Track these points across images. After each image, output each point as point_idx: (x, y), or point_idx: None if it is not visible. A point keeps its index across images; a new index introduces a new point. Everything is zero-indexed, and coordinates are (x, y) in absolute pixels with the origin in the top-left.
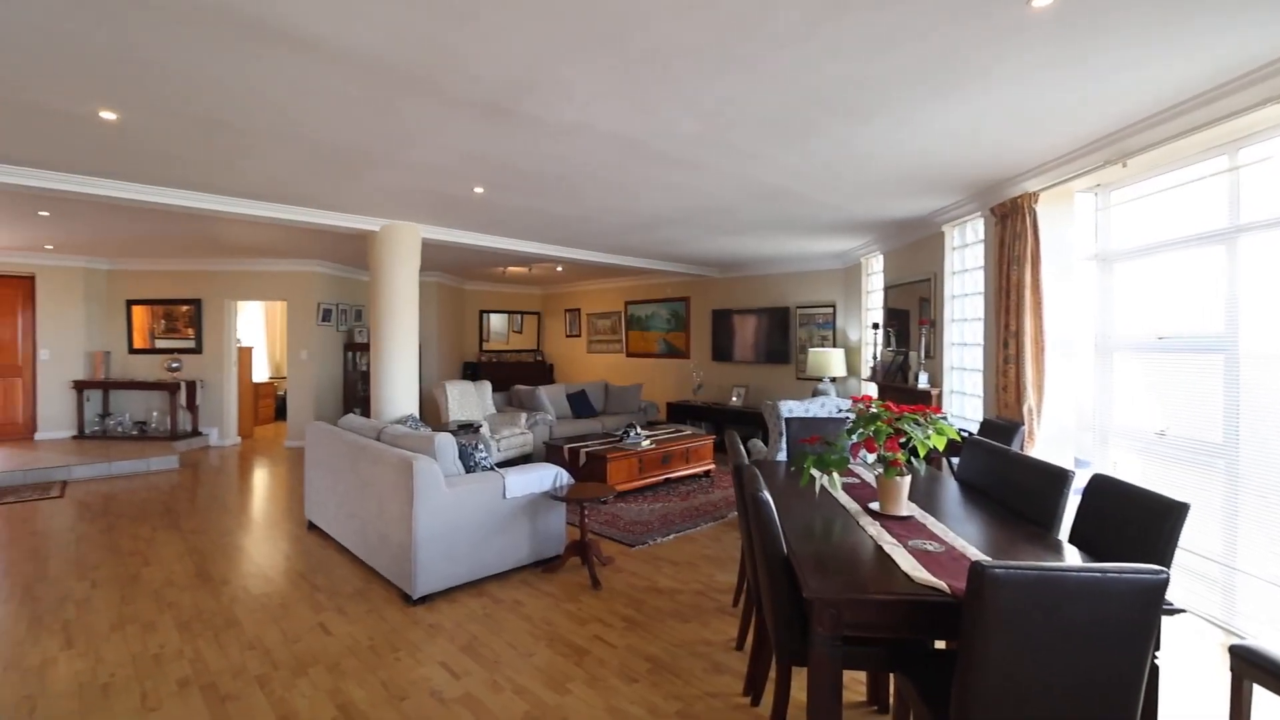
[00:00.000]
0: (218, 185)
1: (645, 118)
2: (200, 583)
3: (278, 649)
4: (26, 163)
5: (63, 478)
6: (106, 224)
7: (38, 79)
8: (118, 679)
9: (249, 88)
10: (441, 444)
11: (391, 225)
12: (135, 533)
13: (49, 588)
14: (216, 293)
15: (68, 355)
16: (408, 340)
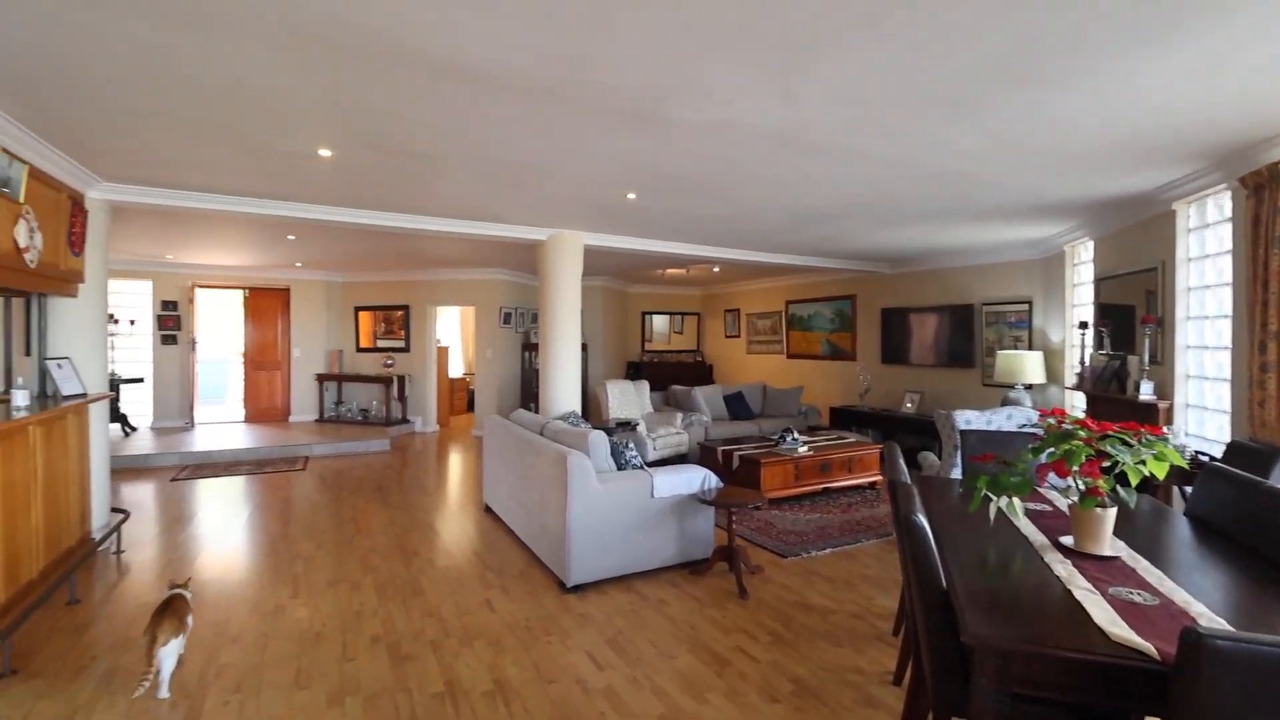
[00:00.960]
0: (415, 206)
1: (791, 108)
2: (397, 552)
3: (451, 619)
4: (271, 196)
5: (306, 453)
6: (336, 244)
7: (269, 126)
8: (327, 629)
9: (429, 120)
10: (595, 441)
11: (557, 234)
12: (353, 504)
13: (287, 546)
14: (420, 299)
15: (313, 353)
16: (571, 341)
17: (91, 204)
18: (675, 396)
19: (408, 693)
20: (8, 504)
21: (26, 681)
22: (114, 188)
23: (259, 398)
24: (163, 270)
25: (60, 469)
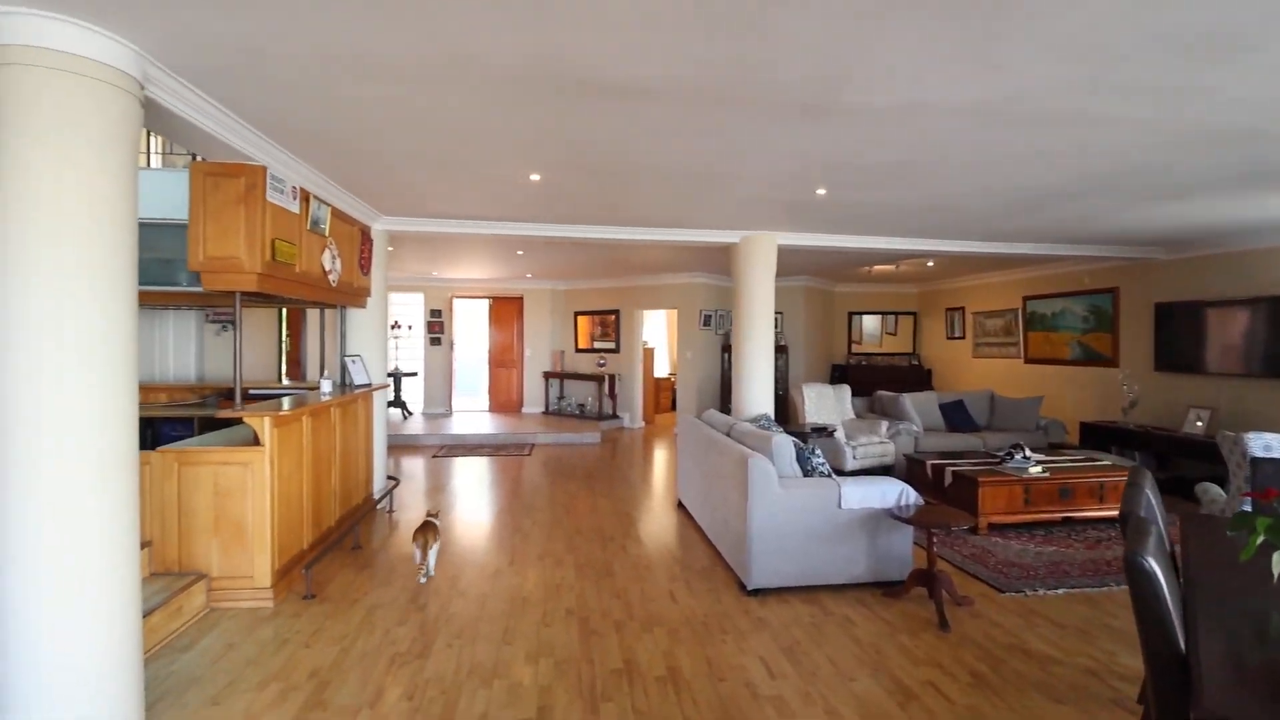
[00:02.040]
0: (612, 218)
1: (993, 77)
2: (596, 536)
3: (636, 604)
4: (500, 218)
5: (532, 441)
6: (556, 256)
7: (490, 159)
8: (532, 597)
9: (614, 138)
10: (778, 445)
11: (749, 236)
12: (565, 489)
13: (510, 519)
14: (629, 304)
15: (541, 353)
16: (763, 343)
17: (375, 234)
18: (881, 403)
19: (591, 664)
20: (316, 466)
21: (321, 604)
22: (390, 220)
23: (500, 391)
24: (430, 284)
25: (352, 442)
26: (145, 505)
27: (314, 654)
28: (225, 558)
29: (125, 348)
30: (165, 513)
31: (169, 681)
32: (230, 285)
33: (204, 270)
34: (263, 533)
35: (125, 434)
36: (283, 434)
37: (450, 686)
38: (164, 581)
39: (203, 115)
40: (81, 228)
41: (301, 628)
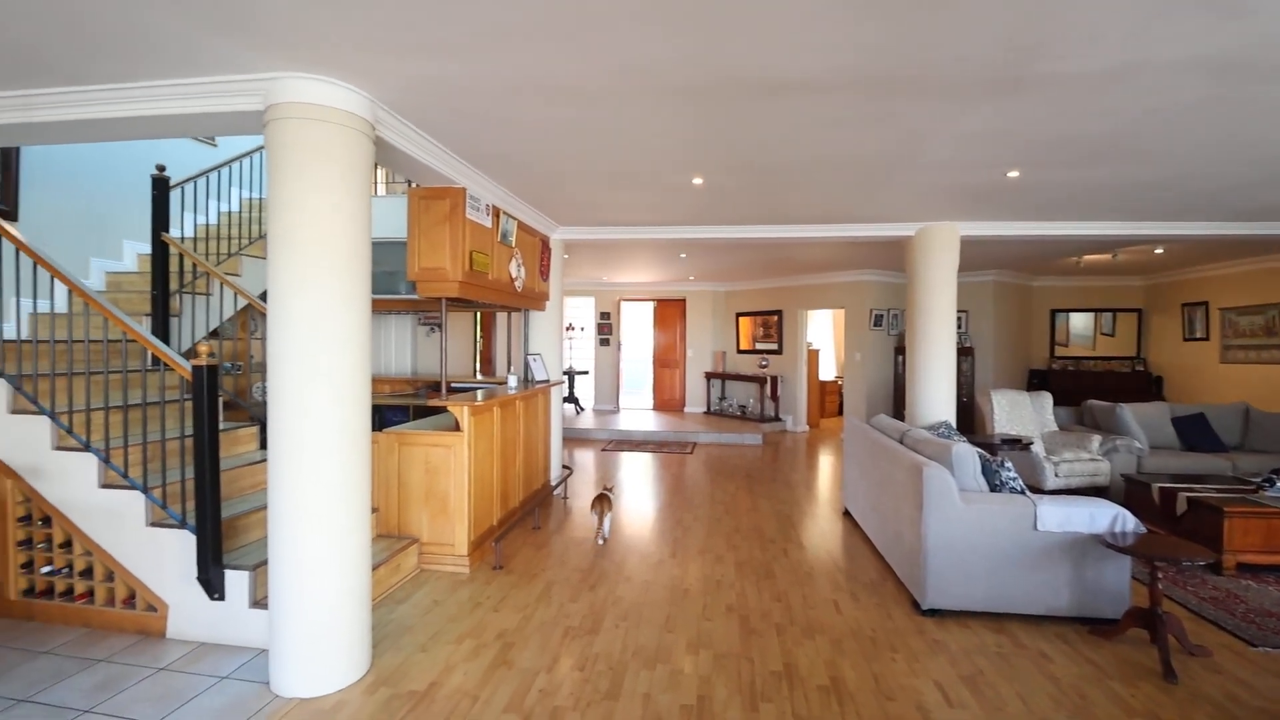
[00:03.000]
0: (774, 217)
1: (1236, 25)
2: (756, 537)
3: (797, 608)
4: (664, 223)
5: (694, 440)
6: (717, 258)
7: (654, 166)
8: (693, 590)
9: (774, 135)
10: (960, 455)
11: (927, 227)
12: (725, 488)
13: (672, 513)
14: (792, 304)
15: (702, 354)
16: (942, 344)
17: (553, 243)
18: (1092, 413)
19: (750, 662)
20: (504, 451)
21: (507, 575)
22: (566, 230)
23: (663, 390)
24: (600, 289)
25: (533, 432)
26: (374, 477)
27: (501, 618)
28: (432, 526)
29: (363, 342)
30: (388, 484)
31: (389, 627)
32: (438, 292)
33: (419, 279)
34: (462, 507)
35: (361, 415)
36: (478, 422)
37: (617, 664)
38: (386, 542)
39: (416, 147)
40: (333, 240)
41: (491, 594)
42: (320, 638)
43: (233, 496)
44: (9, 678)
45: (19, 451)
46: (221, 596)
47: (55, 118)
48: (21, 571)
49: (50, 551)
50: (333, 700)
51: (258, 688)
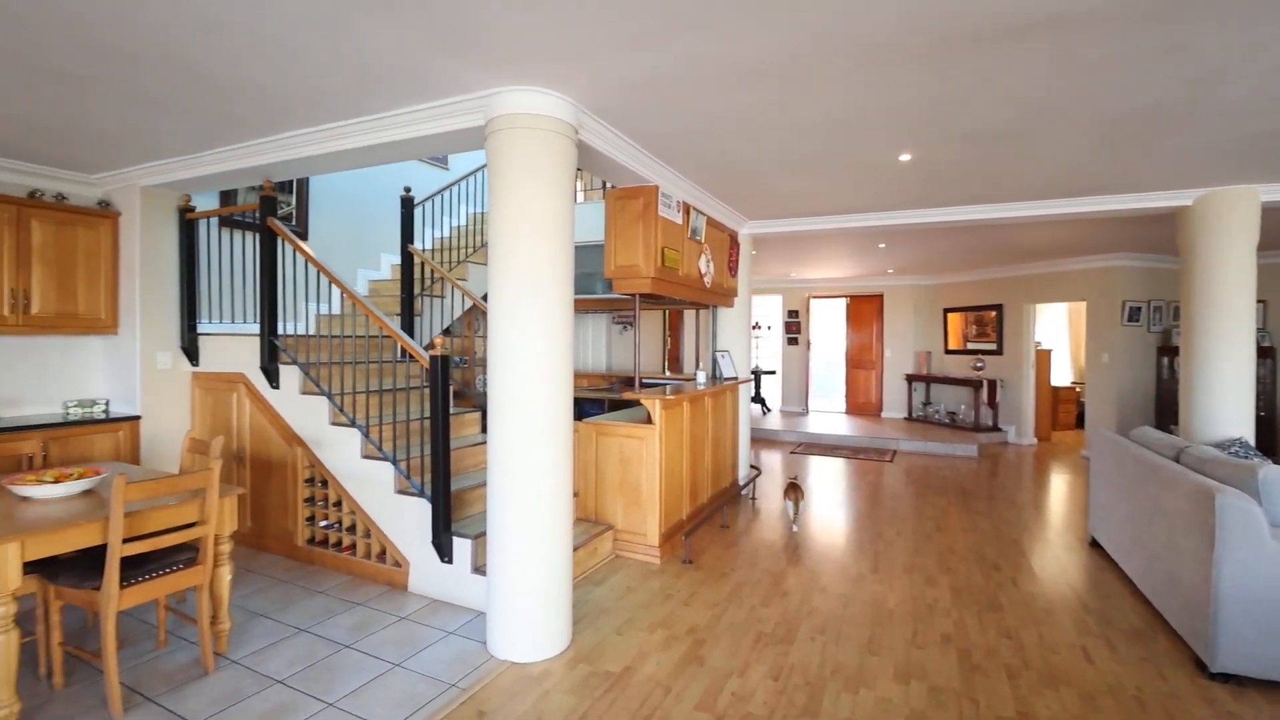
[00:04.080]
0: (999, 194)
1: None
2: (975, 561)
3: (1031, 650)
4: (861, 209)
5: (893, 447)
6: (922, 247)
7: (854, 145)
8: (899, 611)
9: (1005, 93)
10: (1270, 480)
11: (1212, 194)
12: (935, 503)
13: (871, 525)
14: (1015, 297)
15: (902, 354)
16: (1235, 342)
17: (742, 238)
18: None
19: (974, 703)
20: (693, 447)
21: (696, 570)
22: (755, 224)
23: (857, 393)
24: (787, 286)
25: (720, 429)
26: (574, 464)
27: (691, 613)
28: (626, 515)
29: (568, 337)
30: (587, 472)
31: (586, 607)
32: (632, 288)
33: (614, 276)
34: (653, 498)
35: (566, 405)
36: (669, 415)
37: (814, 679)
38: (585, 526)
39: (612, 147)
40: (543, 241)
41: (681, 587)
42: (529, 609)
43: (460, 473)
44: (294, 610)
45: (306, 425)
46: (450, 560)
47: (326, 150)
48: (306, 524)
49: (326, 509)
50: (539, 669)
51: (477, 646)
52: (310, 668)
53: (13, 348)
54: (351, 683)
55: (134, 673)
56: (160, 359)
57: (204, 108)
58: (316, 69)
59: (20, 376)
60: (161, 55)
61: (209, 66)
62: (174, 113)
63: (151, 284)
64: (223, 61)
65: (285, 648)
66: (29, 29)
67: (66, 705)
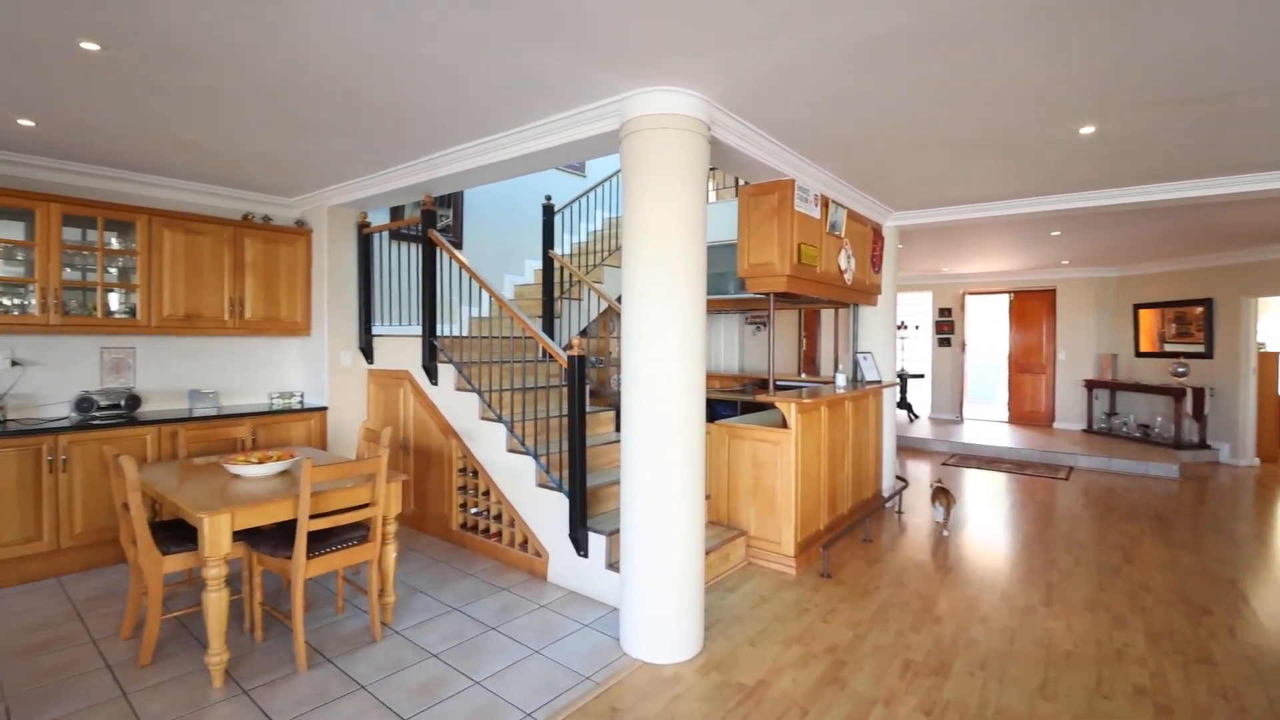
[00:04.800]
0: (1208, 166)
1: None
2: (1177, 602)
3: (1259, 717)
4: (1031, 193)
5: (1069, 463)
6: (1106, 233)
7: (1025, 120)
8: (1079, 653)
9: (1224, 42)
10: None
11: None
12: (1122, 529)
13: (1042, 551)
14: (1229, 289)
15: (1080, 357)
16: None
17: (886, 231)
18: None
19: None
20: (831, 454)
21: (835, 585)
22: (902, 215)
23: (1022, 400)
24: (938, 282)
25: (861, 436)
26: (707, 466)
27: (830, 630)
28: (759, 521)
29: (700, 336)
30: (718, 475)
31: (718, 613)
32: (766, 287)
33: (747, 275)
34: (788, 506)
35: (698, 405)
36: (805, 419)
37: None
38: (717, 530)
39: (745, 141)
40: (675, 240)
41: (819, 602)
42: (660, 610)
43: (596, 470)
44: (448, 589)
45: (459, 419)
46: (585, 554)
47: (477, 164)
48: (459, 510)
49: (476, 497)
50: (670, 671)
51: (611, 642)
52: (460, 645)
53: (232, 347)
54: (496, 664)
55: (317, 634)
56: (343, 357)
57: (378, 133)
58: (466, 89)
59: (237, 371)
60: (344, 91)
61: (379, 97)
62: (356, 140)
63: (336, 291)
64: (391, 91)
65: (440, 624)
66: (256, 76)
67: (264, 658)
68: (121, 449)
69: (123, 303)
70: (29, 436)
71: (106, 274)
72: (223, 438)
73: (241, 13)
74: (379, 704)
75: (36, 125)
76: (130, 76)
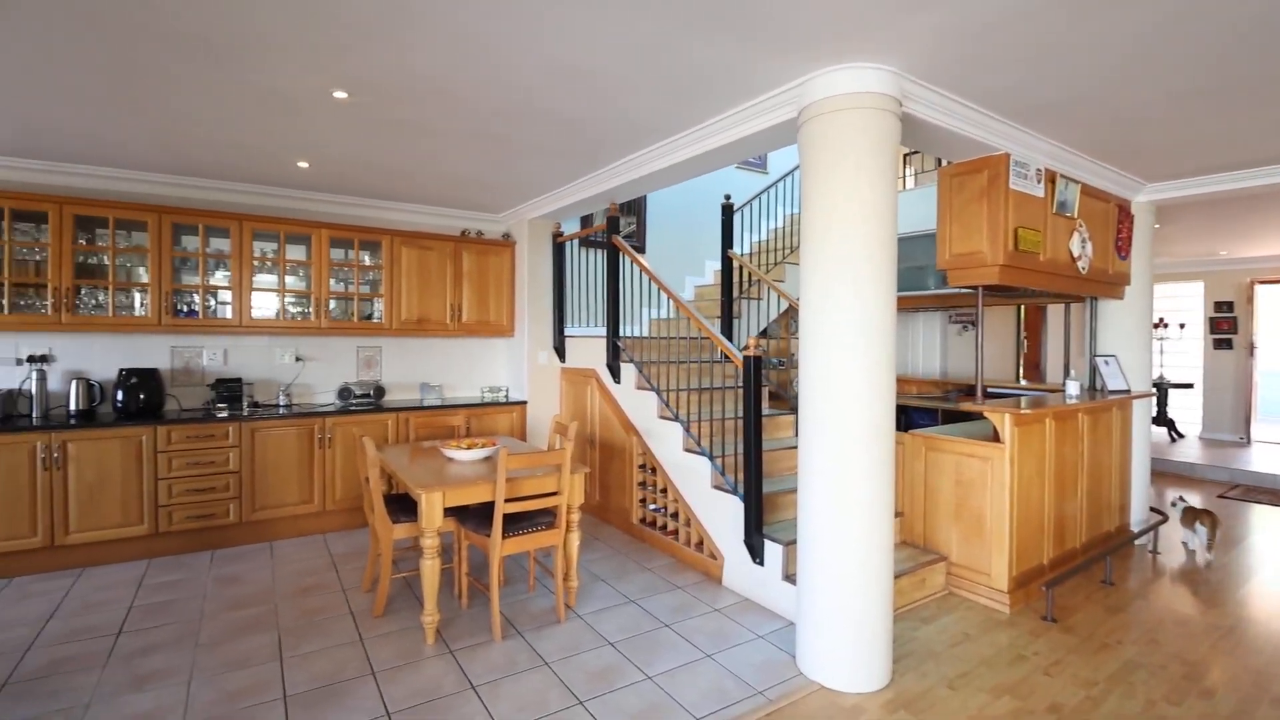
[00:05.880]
0: None
1: None
2: None
3: None
4: None
5: None
6: None
7: None
8: None
9: None
10: None
11: None
12: None
13: None
14: None
15: None
16: None
17: (1136, 208)
18: None
19: None
20: (1059, 476)
21: (1062, 634)
22: (1158, 187)
23: None
24: (1214, 269)
25: (1101, 457)
26: (898, 479)
27: (1054, 686)
28: (963, 547)
29: (888, 335)
30: (913, 490)
31: (910, 645)
32: (972, 280)
33: (949, 268)
34: (1001, 533)
35: (886, 412)
36: (1023, 434)
37: None
38: (910, 552)
39: (946, 114)
40: (859, 230)
41: (1040, 650)
42: (841, 632)
43: (773, 475)
44: (627, 581)
45: (639, 417)
46: (761, 562)
47: (656, 167)
48: (639, 504)
49: (655, 493)
50: (851, 701)
51: (786, 658)
52: (635, 637)
53: (452, 347)
54: (668, 661)
55: (511, 608)
56: (540, 356)
57: (570, 148)
58: (642, 97)
59: (455, 368)
60: (545, 111)
61: (573, 112)
62: (551, 156)
63: (534, 296)
64: (582, 106)
65: (618, 614)
66: (464, 107)
67: (468, 624)
68: (369, 432)
69: (372, 310)
70: (306, 418)
71: (360, 286)
72: (443, 425)
73: (448, 51)
74: (559, 682)
75: (310, 166)
76: (368, 118)
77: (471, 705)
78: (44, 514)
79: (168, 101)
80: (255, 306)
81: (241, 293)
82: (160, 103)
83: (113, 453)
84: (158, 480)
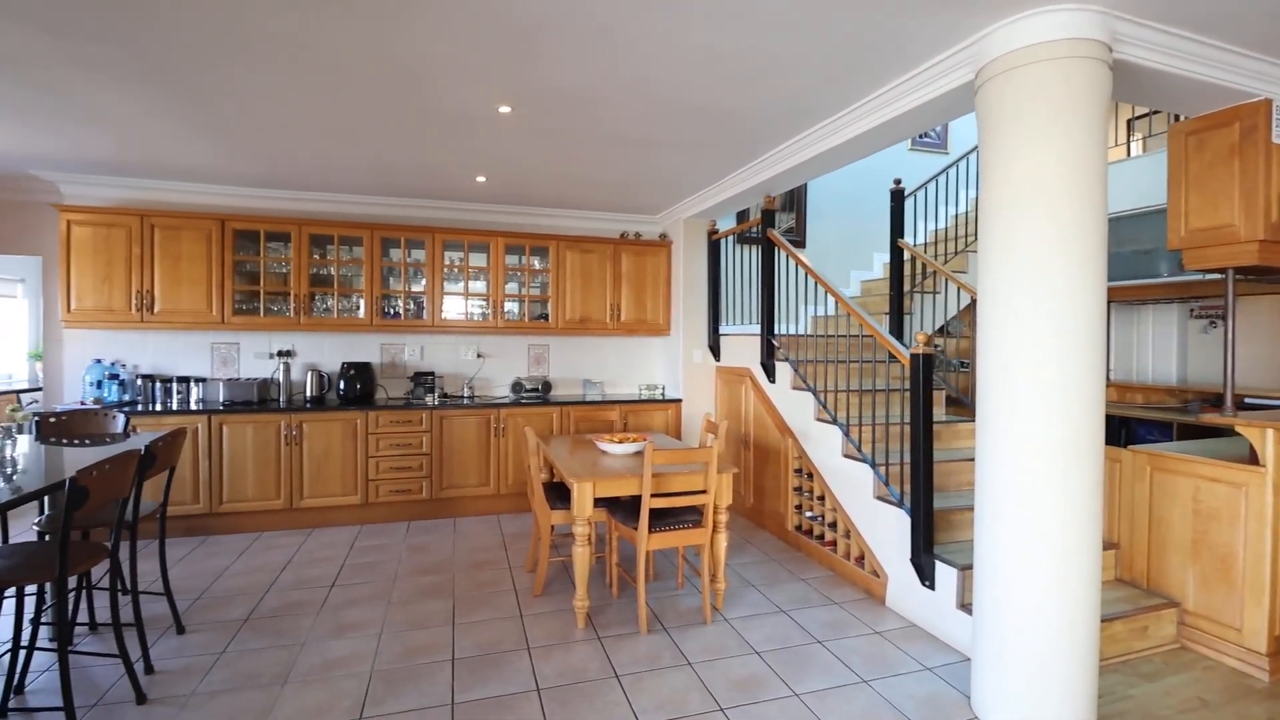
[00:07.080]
0: None
1: None
2: None
3: None
4: None
5: None
6: None
7: None
8: None
9: None
10: None
11: None
12: None
13: None
14: None
15: None
16: None
17: None
18: None
19: None
20: None
21: None
22: None
23: None
24: None
25: None
26: (1113, 503)
27: None
28: (1203, 593)
29: (1091, 332)
30: (1133, 518)
31: (1124, 704)
32: (1219, 262)
33: (1185, 247)
34: (1259, 579)
35: (1090, 423)
36: None
37: None
38: (1128, 592)
39: (1179, 57)
40: (1054, 204)
41: None
42: (1026, 677)
43: (949, 489)
44: (778, 589)
45: (795, 418)
46: (931, 586)
47: (816, 151)
48: (795, 511)
49: (811, 500)
50: None
51: (958, 697)
52: (783, 650)
53: (611, 345)
54: (817, 681)
55: (658, 603)
56: (695, 355)
57: (723, 141)
58: (799, 71)
59: (614, 365)
60: (694, 107)
61: (724, 103)
62: (704, 151)
63: (689, 295)
64: (732, 95)
65: (766, 622)
66: (606, 110)
67: (616, 612)
68: (536, 424)
69: (541, 310)
70: (485, 409)
71: (531, 289)
72: (601, 419)
73: (581, 60)
74: (701, 685)
75: (486, 180)
76: (528, 129)
77: (614, 694)
78: (285, 481)
79: (376, 131)
80: (445, 309)
81: (434, 296)
82: (371, 133)
83: (335, 432)
84: (368, 458)
